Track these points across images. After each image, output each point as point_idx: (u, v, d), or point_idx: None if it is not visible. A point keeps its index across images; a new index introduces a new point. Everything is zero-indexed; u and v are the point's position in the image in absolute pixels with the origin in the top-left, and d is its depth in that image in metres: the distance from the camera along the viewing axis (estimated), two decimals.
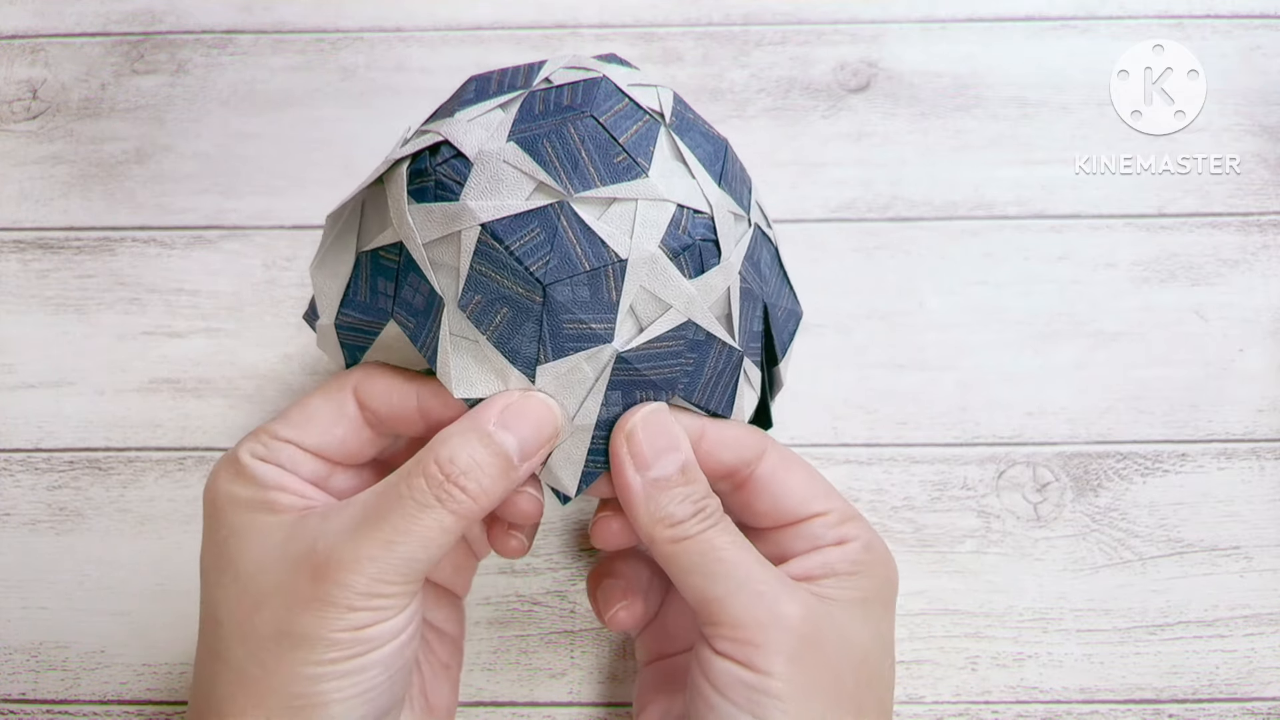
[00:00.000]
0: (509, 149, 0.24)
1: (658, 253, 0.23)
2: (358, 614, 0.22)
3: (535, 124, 0.24)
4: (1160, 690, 0.33)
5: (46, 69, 0.39)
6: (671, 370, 0.24)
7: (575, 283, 0.23)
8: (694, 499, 0.24)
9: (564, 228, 0.23)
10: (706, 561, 0.24)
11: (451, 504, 0.22)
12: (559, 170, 0.23)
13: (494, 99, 0.25)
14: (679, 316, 0.24)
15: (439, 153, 0.24)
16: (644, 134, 0.24)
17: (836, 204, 0.37)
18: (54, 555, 0.34)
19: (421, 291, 0.24)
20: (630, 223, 0.23)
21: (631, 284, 0.23)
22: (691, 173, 0.25)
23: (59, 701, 0.33)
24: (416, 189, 0.24)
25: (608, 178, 0.24)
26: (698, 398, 0.25)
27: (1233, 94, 0.38)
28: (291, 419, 0.25)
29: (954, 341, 0.36)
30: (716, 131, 0.27)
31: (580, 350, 0.23)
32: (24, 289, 0.37)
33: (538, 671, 0.33)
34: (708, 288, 0.24)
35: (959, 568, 0.34)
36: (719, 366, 0.25)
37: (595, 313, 0.23)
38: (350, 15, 0.40)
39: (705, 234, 0.24)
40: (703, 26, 0.39)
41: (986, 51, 0.39)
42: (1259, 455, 0.35)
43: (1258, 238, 0.37)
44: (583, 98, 0.24)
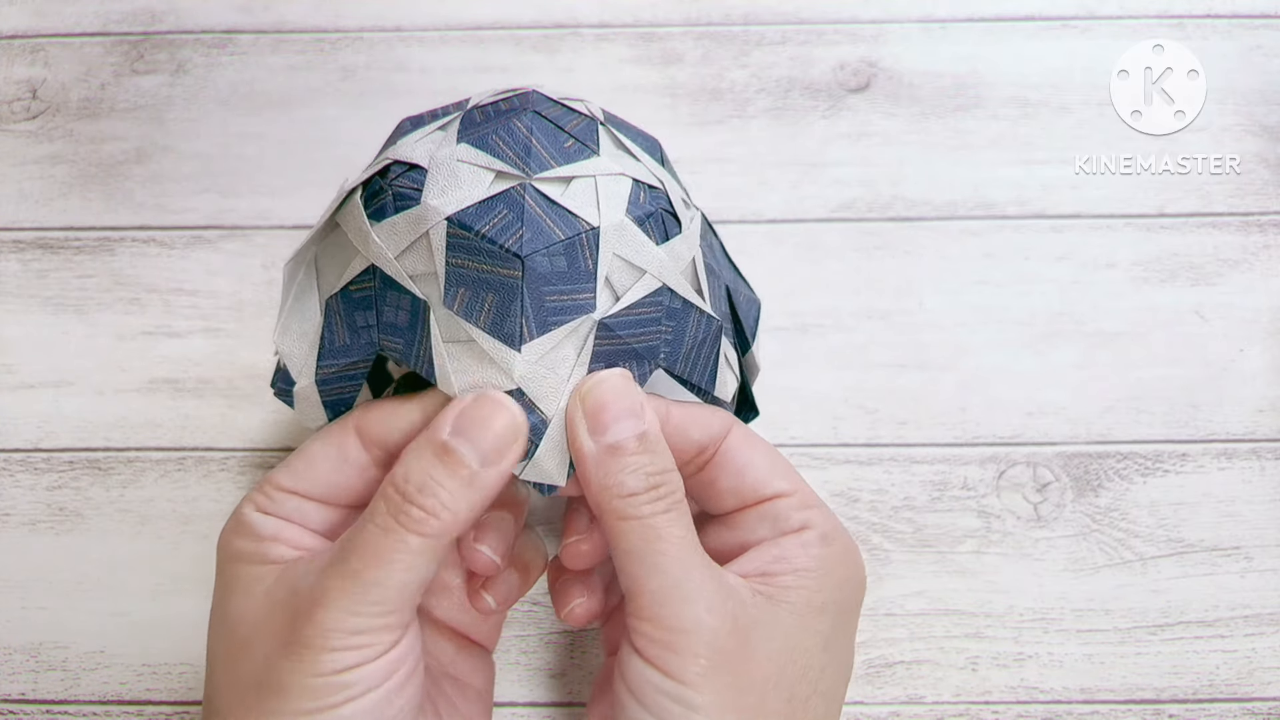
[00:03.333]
0: (461, 149, 0.24)
1: (626, 220, 0.24)
2: (333, 655, 0.21)
3: (480, 129, 0.25)
4: (1161, 690, 0.33)
5: (46, 69, 0.39)
6: (652, 338, 0.24)
7: (552, 253, 0.23)
8: (649, 471, 0.23)
9: (530, 205, 0.23)
10: (649, 549, 0.22)
11: (412, 525, 0.21)
12: (513, 157, 0.24)
13: (432, 124, 0.26)
14: (654, 282, 0.24)
15: (389, 172, 0.25)
16: (586, 126, 0.25)
17: (836, 204, 0.37)
18: (54, 555, 0.34)
19: (403, 306, 0.24)
20: (594, 195, 0.24)
21: (606, 251, 0.23)
22: (636, 157, 0.25)
23: (59, 701, 0.33)
24: (375, 210, 0.24)
25: (561, 159, 0.24)
26: (681, 368, 0.25)
27: (1233, 94, 0.38)
28: (294, 467, 0.24)
29: (954, 341, 0.36)
30: (642, 131, 0.27)
31: (565, 323, 0.23)
32: (24, 289, 0.37)
33: (538, 671, 0.33)
34: (676, 254, 0.25)
35: (959, 568, 0.34)
36: (699, 336, 0.25)
37: (576, 283, 0.23)
38: (350, 15, 0.40)
39: (664, 204, 0.25)
40: (703, 26, 0.39)
41: (986, 51, 0.39)
42: (1259, 455, 0.35)
43: (1258, 238, 0.37)
44: (519, 102, 0.25)
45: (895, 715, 0.33)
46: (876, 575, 0.34)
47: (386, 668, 0.21)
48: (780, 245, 0.37)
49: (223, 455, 0.35)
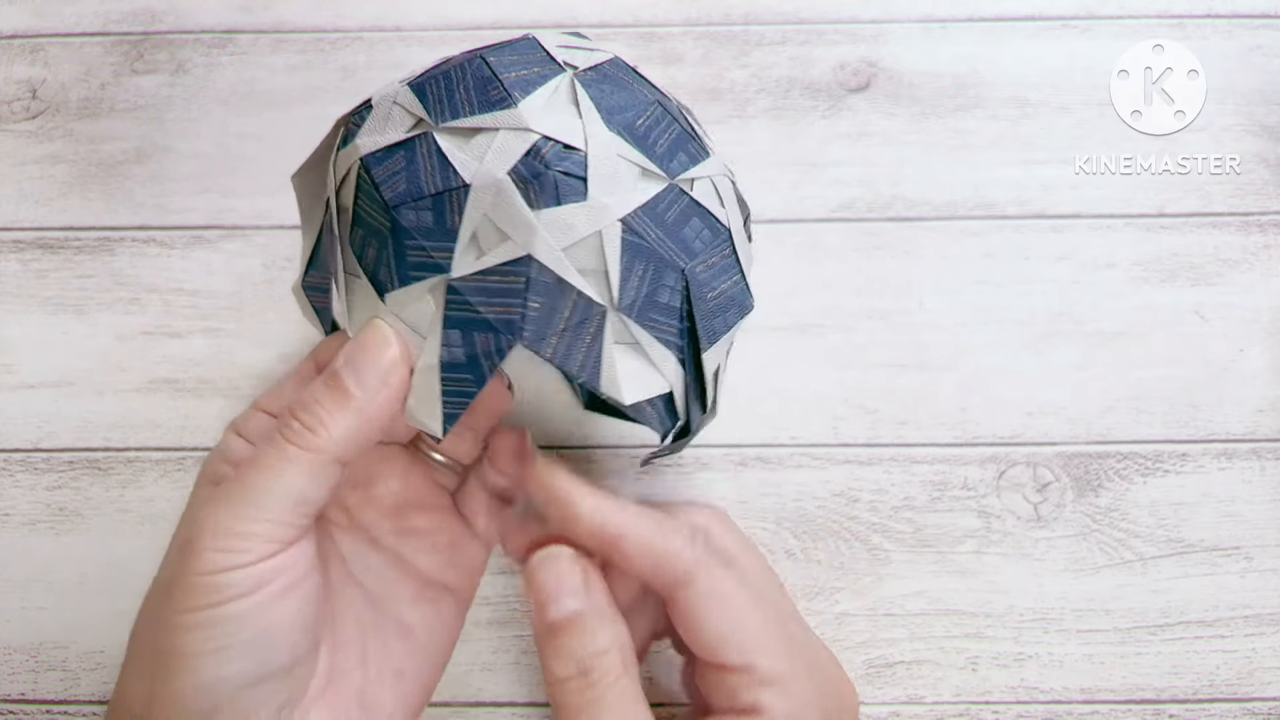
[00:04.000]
0: (400, 90, 0.24)
1: (504, 179, 0.22)
2: (211, 555, 0.22)
3: (433, 70, 0.25)
4: (1161, 690, 0.33)
5: (46, 69, 0.39)
6: (509, 311, 0.23)
7: (419, 207, 0.23)
8: (577, 657, 0.23)
9: (422, 155, 0.23)
10: None
11: (293, 437, 0.23)
12: (435, 105, 0.23)
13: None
14: (517, 249, 0.22)
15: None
16: (538, 76, 0.24)
17: (836, 204, 0.37)
18: (53, 555, 0.34)
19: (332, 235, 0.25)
20: (485, 150, 0.23)
21: (474, 211, 0.22)
22: (580, 113, 0.23)
23: (58, 701, 0.33)
24: (341, 139, 0.25)
25: (477, 109, 0.23)
26: (548, 352, 0.23)
27: (1233, 94, 0.38)
28: (273, 390, 0.27)
29: (954, 341, 0.36)
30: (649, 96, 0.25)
31: (421, 280, 0.23)
32: (23, 289, 0.37)
33: (537, 671, 0.33)
34: (561, 223, 0.22)
35: (959, 568, 0.34)
36: (574, 319, 0.23)
37: (437, 240, 0.23)
38: (350, 15, 0.40)
39: (569, 168, 0.23)
40: (703, 26, 0.39)
41: (987, 51, 0.39)
42: (1259, 455, 0.35)
43: (1258, 238, 0.37)
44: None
45: (895, 715, 0.33)
46: (877, 575, 0.34)
47: (262, 575, 0.22)
48: (780, 245, 0.37)
49: None
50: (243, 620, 0.22)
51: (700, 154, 0.25)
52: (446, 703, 0.33)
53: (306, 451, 0.22)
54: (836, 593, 0.34)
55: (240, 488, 0.22)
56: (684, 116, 0.26)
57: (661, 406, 0.25)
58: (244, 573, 0.22)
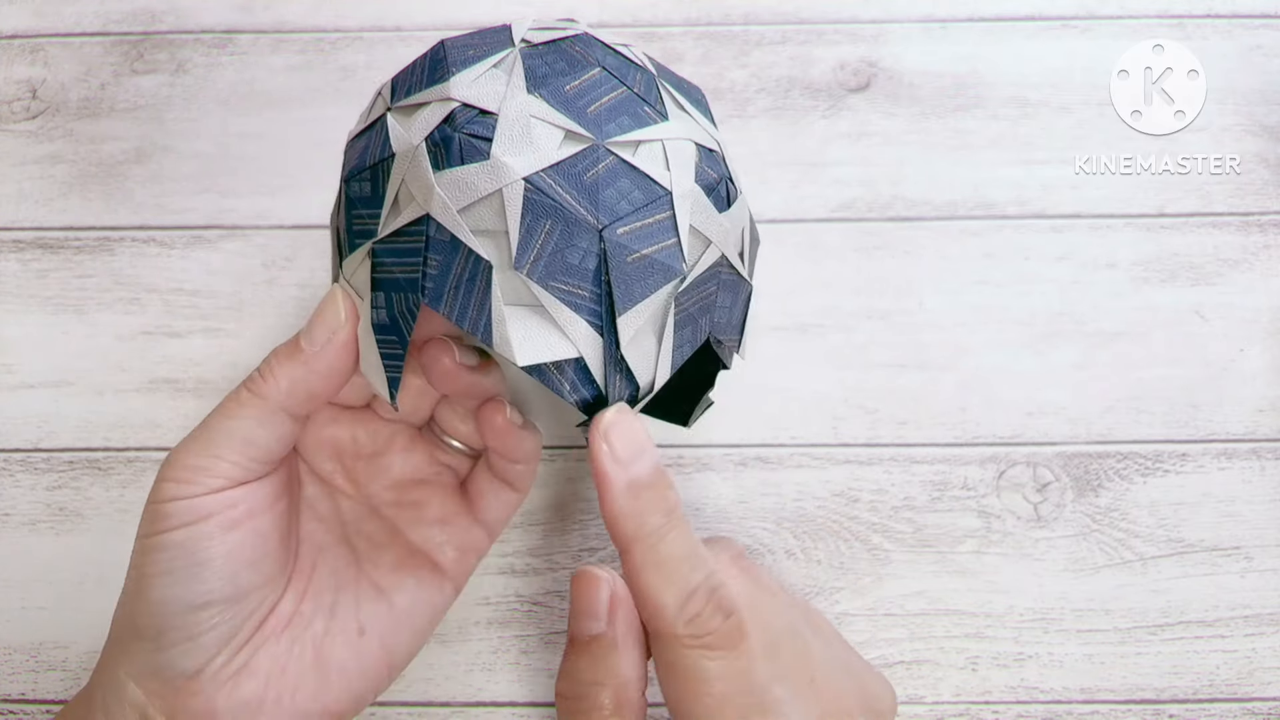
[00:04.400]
0: (385, 84, 0.25)
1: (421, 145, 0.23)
2: (166, 485, 0.24)
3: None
4: (1161, 690, 0.33)
5: (46, 69, 0.39)
6: (413, 270, 0.23)
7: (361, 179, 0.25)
8: (577, 679, 0.24)
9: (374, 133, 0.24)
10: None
11: (248, 384, 0.25)
12: (399, 92, 0.24)
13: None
14: (418, 210, 0.23)
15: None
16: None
17: (836, 204, 0.37)
18: (54, 555, 0.34)
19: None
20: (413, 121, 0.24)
21: (395, 177, 0.24)
22: (508, 81, 0.24)
23: (59, 702, 0.33)
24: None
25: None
26: (445, 309, 0.23)
27: (1233, 94, 0.38)
28: None
29: (954, 341, 0.36)
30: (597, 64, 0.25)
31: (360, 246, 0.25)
32: (23, 289, 0.37)
33: (538, 671, 0.33)
34: (458, 181, 0.23)
35: (959, 568, 0.34)
36: (465, 275, 0.23)
37: (371, 208, 0.24)
38: (350, 15, 0.40)
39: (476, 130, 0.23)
40: (703, 26, 0.39)
41: (987, 51, 0.39)
42: (1259, 455, 0.35)
43: (1258, 237, 0.37)
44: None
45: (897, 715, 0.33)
46: (877, 575, 0.34)
47: (206, 507, 0.24)
48: (780, 245, 0.37)
49: None
50: (184, 547, 0.23)
51: (653, 118, 0.25)
52: (446, 703, 0.33)
53: (256, 397, 0.25)
54: (836, 593, 0.34)
55: (201, 429, 0.25)
56: (652, 84, 0.25)
57: (573, 374, 0.23)
58: (189, 503, 0.24)
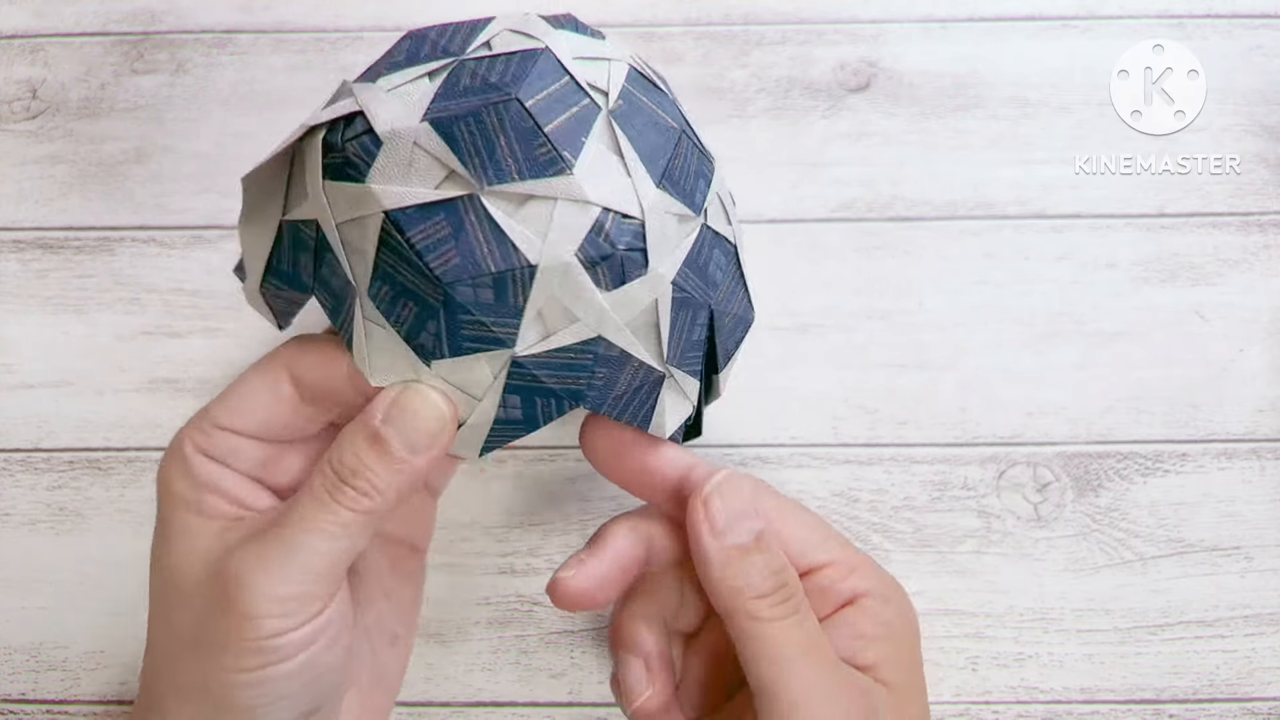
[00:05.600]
0: (422, 130, 0.22)
1: (572, 261, 0.21)
2: (264, 621, 0.21)
3: (455, 103, 0.22)
4: (1161, 690, 0.33)
5: (46, 69, 0.39)
6: (577, 382, 0.23)
7: (478, 284, 0.21)
8: (774, 570, 0.24)
9: (471, 224, 0.21)
10: (783, 652, 0.23)
11: (347, 501, 0.22)
12: (473, 159, 0.21)
13: (423, 64, 0.23)
14: (588, 331, 0.22)
15: (353, 125, 0.22)
16: (577, 121, 0.22)
17: (836, 204, 0.37)
18: (54, 555, 0.34)
19: (338, 274, 0.23)
20: (545, 225, 0.21)
21: (540, 293, 0.21)
22: (628, 170, 0.22)
23: (59, 701, 0.33)
24: (329, 163, 0.22)
25: (527, 171, 0.21)
26: (609, 411, 0.23)
27: (1233, 94, 0.38)
28: (229, 402, 0.24)
29: (954, 341, 0.36)
30: (670, 121, 0.24)
31: (479, 352, 0.22)
32: (23, 289, 0.37)
33: (538, 671, 0.33)
34: (627, 300, 0.22)
35: (959, 568, 0.34)
36: (635, 383, 0.23)
37: (498, 316, 0.22)
38: (350, 15, 0.40)
39: (631, 242, 0.22)
40: (703, 26, 0.39)
41: (987, 51, 0.39)
42: (1259, 455, 0.35)
43: (1258, 237, 0.37)
44: (514, 74, 0.22)
45: None
46: None
47: (314, 632, 0.22)
48: (780, 245, 0.37)
49: None
50: (302, 673, 0.22)
51: (708, 167, 0.25)
52: (446, 703, 0.33)
53: (359, 514, 0.22)
54: None
55: (287, 551, 0.22)
56: (689, 126, 0.25)
57: None
58: (298, 634, 0.22)
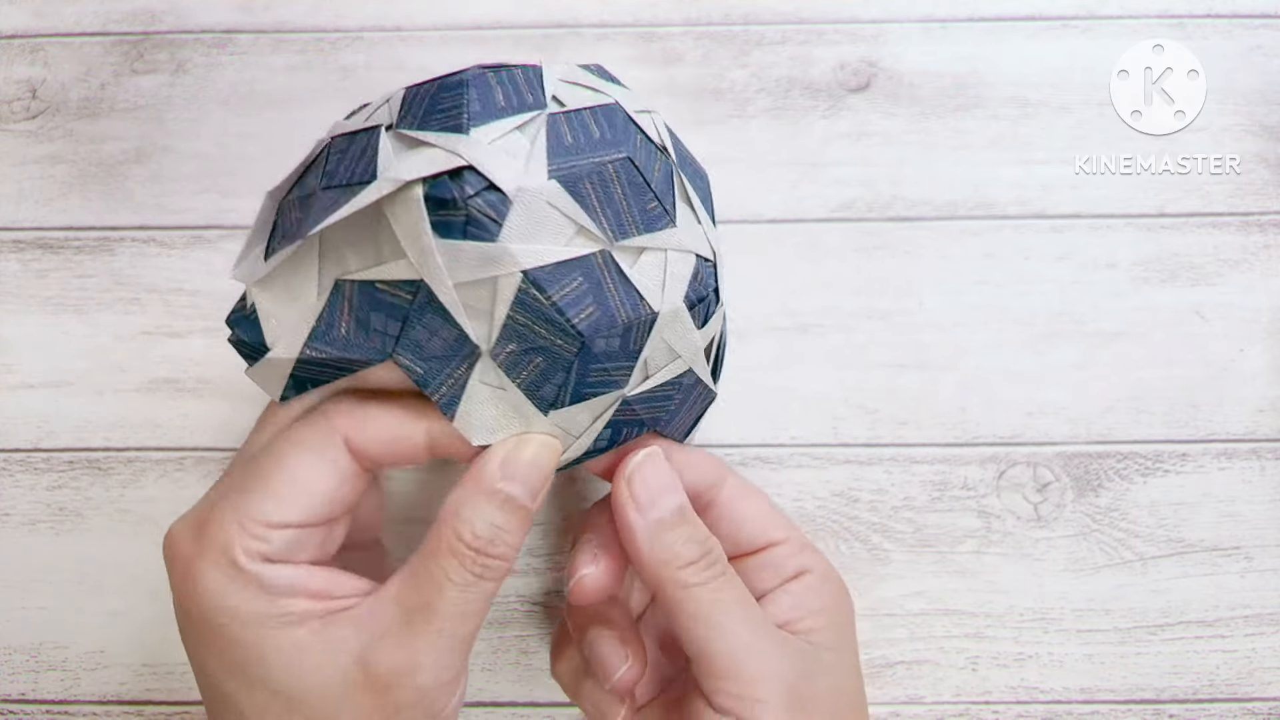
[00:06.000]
0: (551, 189, 0.22)
1: (682, 306, 0.24)
2: (438, 706, 0.23)
3: (571, 160, 0.22)
4: (1161, 690, 0.33)
5: (46, 69, 0.39)
6: (660, 410, 0.25)
7: (610, 335, 0.23)
8: (697, 540, 0.25)
9: (605, 279, 0.22)
10: (715, 613, 0.24)
11: (490, 574, 0.22)
12: (600, 215, 0.22)
13: (510, 118, 0.22)
14: (683, 365, 0.24)
15: (463, 179, 0.21)
16: (665, 175, 0.24)
17: (836, 204, 0.37)
18: (53, 555, 0.34)
19: (442, 336, 0.22)
20: (662, 274, 0.23)
21: (655, 337, 0.23)
22: (698, 217, 0.25)
23: (58, 702, 0.33)
24: (441, 221, 0.21)
25: (642, 226, 0.23)
26: (668, 430, 0.26)
27: (1233, 94, 0.38)
28: (278, 492, 0.22)
29: (954, 341, 0.36)
30: (700, 166, 0.27)
31: (597, 396, 0.23)
32: (23, 289, 0.37)
33: (538, 671, 0.33)
34: (707, 334, 0.25)
35: (959, 568, 0.34)
36: (695, 407, 0.26)
37: (619, 362, 0.23)
38: (350, 15, 0.40)
39: (712, 283, 0.25)
40: (703, 26, 0.39)
41: (987, 51, 0.39)
42: (1259, 455, 0.35)
43: (1258, 237, 0.37)
44: (610, 131, 0.23)
45: (895, 715, 0.33)
46: (877, 575, 0.34)
47: (461, 696, 0.24)
48: (780, 245, 0.37)
49: (223, 455, 0.35)
50: None
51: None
52: None
53: (500, 580, 0.23)
54: None
55: (447, 640, 0.22)
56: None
57: None
58: (454, 703, 0.24)
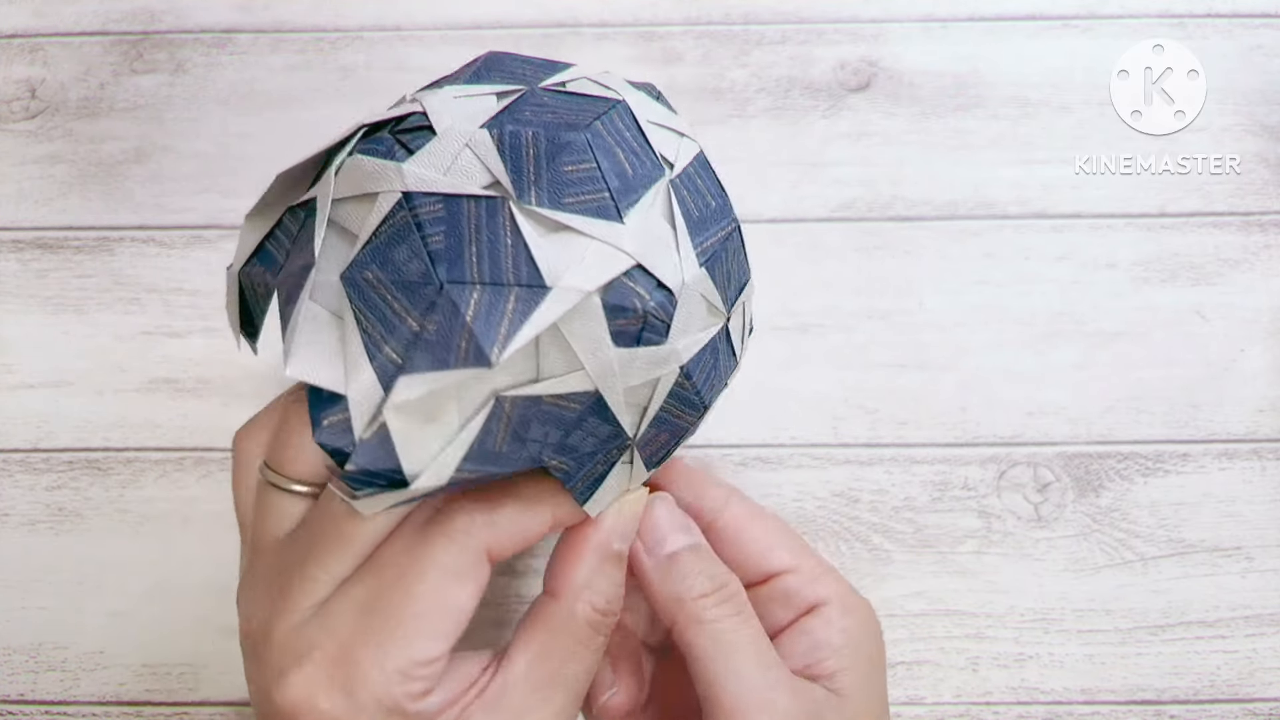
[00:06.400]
0: (701, 277, 0.21)
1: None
2: None
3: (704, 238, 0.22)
4: (1162, 691, 0.33)
5: (45, 68, 0.39)
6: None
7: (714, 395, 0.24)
8: (710, 575, 0.24)
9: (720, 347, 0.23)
10: (727, 653, 0.23)
11: (608, 630, 0.23)
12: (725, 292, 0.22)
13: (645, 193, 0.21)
14: None
15: (634, 280, 0.20)
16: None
17: (837, 203, 0.37)
18: (53, 555, 0.34)
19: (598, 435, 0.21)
20: None
21: None
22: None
23: (58, 702, 0.33)
24: (620, 330, 0.20)
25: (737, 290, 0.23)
26: None
27: (1233, 94, 0.38)
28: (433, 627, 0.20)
29: (955, 341, 0.36)
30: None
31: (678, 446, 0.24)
32: (23, 289, 0.37)
33: None
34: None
35: (960, 568, 0.34)
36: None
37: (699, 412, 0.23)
38: (349, 14, 0.40)
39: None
40: (703, 26, 0.39)
41: (987, 51, 0.39)
42: (1260, 455, 0.35)
43: (1259, 237, 0.37)
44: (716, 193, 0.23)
45: (896, 716, 0.33)
46: (877, 576, 0.34)
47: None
48: (780, 245, 0.37)
49: (222, 455, 0.35)
50: None
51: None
52: None
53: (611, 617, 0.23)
54: None
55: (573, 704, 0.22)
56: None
57: None
58: None
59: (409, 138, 0.21)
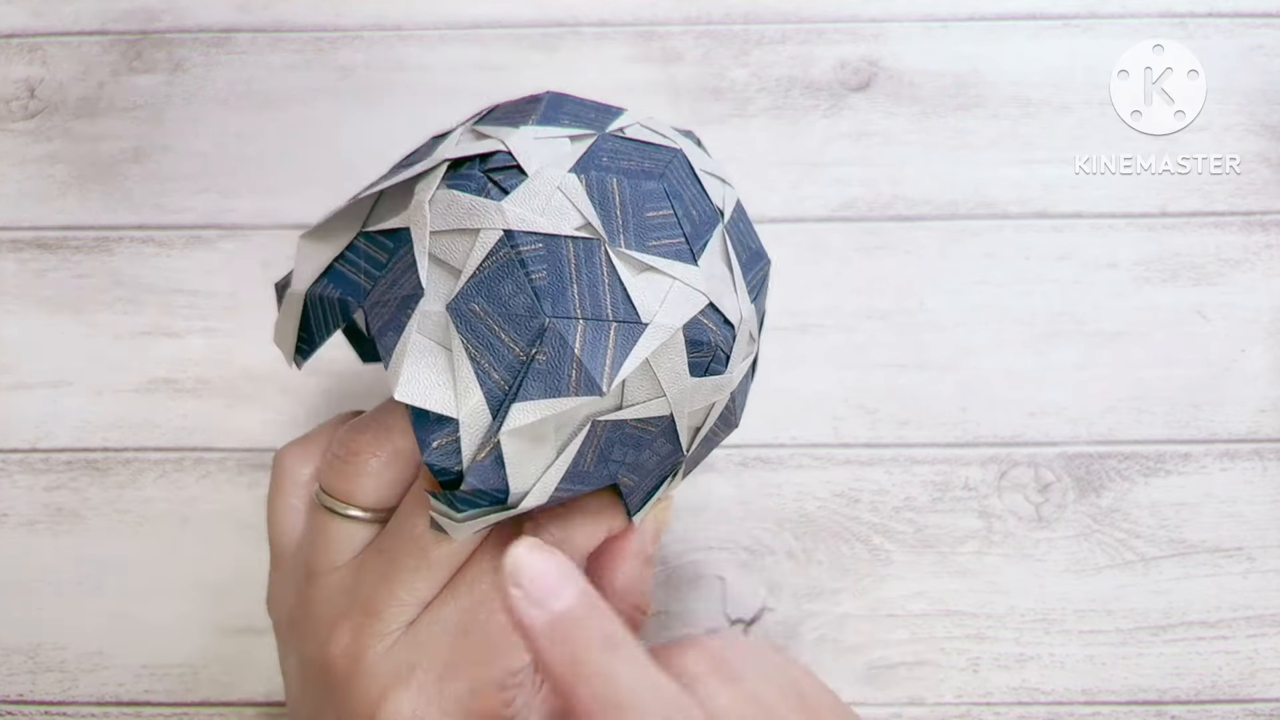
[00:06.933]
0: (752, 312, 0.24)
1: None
2: None
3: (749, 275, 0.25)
4: (1163, 691, 0.33)
5: (44, 68, 0.39)
6: None
7: None
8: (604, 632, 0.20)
9: None
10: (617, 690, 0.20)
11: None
12: None
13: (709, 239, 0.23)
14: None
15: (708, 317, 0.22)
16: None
17: (837, 203, 0.37)
18: (52, 556, 0.34)
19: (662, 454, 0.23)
20: None
21: None
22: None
23: (57, 703, 0.33)
24: (695, 362, 0.22)
25: None
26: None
27: (1234, 93, 0.38)
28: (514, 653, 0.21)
29: (955, 341, 0.36)
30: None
31: None
32: (21, 289, 0.37)
33: None
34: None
35: (960, 569, 0.34)
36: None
37: None
38: (349, 14, 0.40)
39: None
40: (703, 25, 0.39)
41: (988, 50, 0.39)
42: (1261, 455, 0.35)
43: (1260, 237, 0.37)
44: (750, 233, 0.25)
45: (896, 717, 0.33)
46: (878, 576, 0.34)
47: None
48: (781, 245, 0.37)
49: (221, 455, 0.35)
50: None
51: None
52: None
53: None
54: (837, 594, 0.34)
55: None
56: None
57: None
58: None
59: (501, 176, 0.22)
